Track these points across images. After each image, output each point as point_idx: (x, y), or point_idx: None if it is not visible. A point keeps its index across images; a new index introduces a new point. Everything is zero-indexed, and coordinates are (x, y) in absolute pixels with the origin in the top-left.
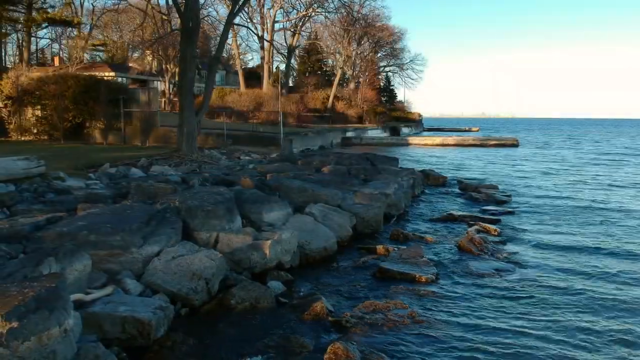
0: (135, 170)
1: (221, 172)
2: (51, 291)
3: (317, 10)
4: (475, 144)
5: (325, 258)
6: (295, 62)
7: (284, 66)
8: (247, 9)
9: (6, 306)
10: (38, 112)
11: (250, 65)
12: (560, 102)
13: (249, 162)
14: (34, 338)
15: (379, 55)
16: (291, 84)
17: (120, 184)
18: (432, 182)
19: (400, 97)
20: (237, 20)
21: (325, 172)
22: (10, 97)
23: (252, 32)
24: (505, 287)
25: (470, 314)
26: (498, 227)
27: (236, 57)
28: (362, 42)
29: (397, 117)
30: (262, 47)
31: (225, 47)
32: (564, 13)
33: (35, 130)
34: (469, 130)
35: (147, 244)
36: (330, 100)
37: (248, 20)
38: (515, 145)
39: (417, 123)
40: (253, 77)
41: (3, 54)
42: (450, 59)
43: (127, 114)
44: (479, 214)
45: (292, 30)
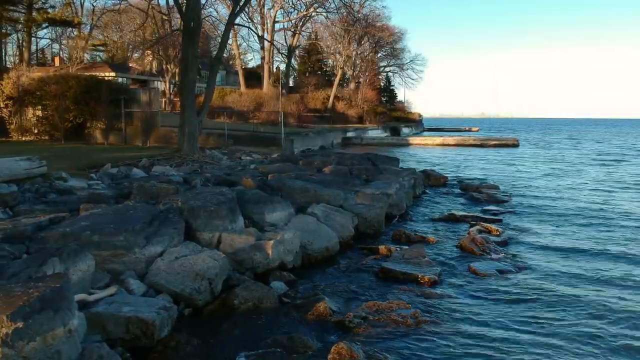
0: (137, 171)
1: (223, 172)
2: (56, 291)
3: (318, 10)
4: (475, 144)
5: (327, 258)
6: (295, 62)
7: (284, 66)
8: (247, 9)
9: (11, 306)
10: (39, 112)
11: (251, 65)
12: (560, 102)
13: (250, 162)
14: (39, 338)
15: (379, 55)
16: (291, 84)
17: (122, 184)
18: (433, 182)
19: (401, 97)
20: (237, 20)
21: (327, 172)
22: (11, 97)
23: (253, 32)
24: (508, 287)
25: (473, 315)
26: (499, 227)
27: (236, 57)
28: (362, 42)
29: (398, 117)
30: (263, 47)
31: (226, 47)
32: (564, 13)
33: (36, 131)
34: (469, 130)
35: (150, 244)
36: (331, 101)
37: (248, 21)
38: (515, 145)
39: (417, 123)
40: (253, 77)
41: (3, 54)
42: (450, 59)
43: (128, 114)
44: (480, 214)
45: (292, 30)
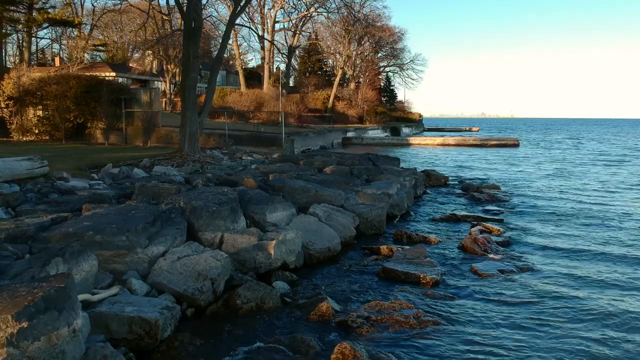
0: (138, 171)
1: (224, 172)
2: (60, 291)
3: (318, 10)
4: (475, 144)
5: (329, 258)
6: (295, 62)
7: (284, 66)
8: (247, 9)
9: (16, 306)
10: (40, 112)
11: (251, 65)
12: (560, 102)
13: (251, 162)
14: (44, 338)
15: (380, 55)
16: (292, 84)
17: (124, 184)
18: (434, 182)
19: (401, 97)
20: (238, 20)
21: (328, 172)
22: (12, 98)
23: (254, 32)
24: (510, 288)
25: (476, 315)
26: (501, 227)
27: (237, 57)
28: (363, 42)
29: (398, 118)
30: (263, 47)
31: (227, 47)
32: (564, 13)
33: (37, 131)
34: (469, 130)
35: (153, 244)
36: (331, 101)
37: (249, 21)
38: (515, 145)
39: (417, 123)
40: (253, 77)
41: (3, 54)
42: (450, 59)
43: (129, 114)
44: (481, 214)
45: (292, 30)
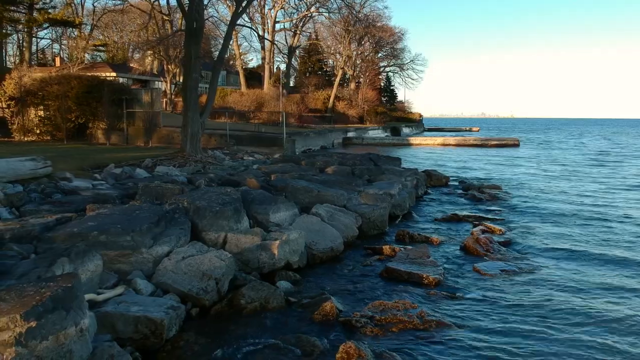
0: (140, 171)
1: (226, 172)
2: (67, 291)
3: (319, 10)
4: (476, 144)
5: (332, 258)
6: (295, 63)
7: (284, 66)
8: (248, 10)
9: (24, 306)
10: (41, 112)
11: (251, 65)
12: (560, 102)
13: (253, 162)
14: (52, 337)
15: (380, 55)
16: (292, 84)
17: (127, 184)
18: (435, 182)
19: (401, 97)
20: (239, 20)
21: (330, 172)
22: (13, 98)
23: (255, 32)
24: (512, 288)
25: (479, 315)
26: (502, 227)
27: (237, 58)
28: (363, 42)
29: (398, 118)
30: (263, 48)
31: (228, 47)
32: (565, 13)
33: (38, 131)
34: (470, 130)
35: (157, 244)
36: (331, 101)
37: (249, 21)
38: (516, 145)
39: (417, 123)
40: (254, 77)
41: (4, 54)
42: (451, 59)
43: (130, 115)
44: (482, 214)
45: (293, 30)
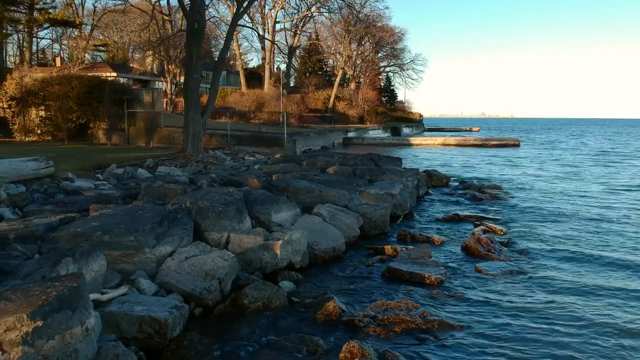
0: (142, 171)
1: (227, 172)
2: (73, 291)
3: (319, 10)
4: (476, 144)
5: (334, 258)
6: (296, 63)
7: (284, 66)
8: (248, 10)
9: (31, 305)
10: (42, 112)
11: (251, 65)
12: (561, 102)
13: (254, 162)
14: (58, 337)
15: (380, 55)
16: (292, 84)
17: (129, 184)
18: (436, 182)
19: (401, 97)
20: (239, 21)
21: (331, 172)
22: (14, 98)
23: (256, 32)
24: (514, 287)
25: (481, 315)
26: (503, 227)
27: (237, 58)
28: (363, 42)
29: (398, 118)
30: (263, 48)
31: (230, 48)
32: (565, 13)
33: (39, 131)
34: (470, 130)
35: (160, 244)
36: (332, 101)
37: (250, 21)
38: (516, 145)
39: (417, 123)
40: (254, 77)
41: (4, 54)
42: (451, 59)
43: (131, 115)
44: (483, 214)
45: (293, 30)
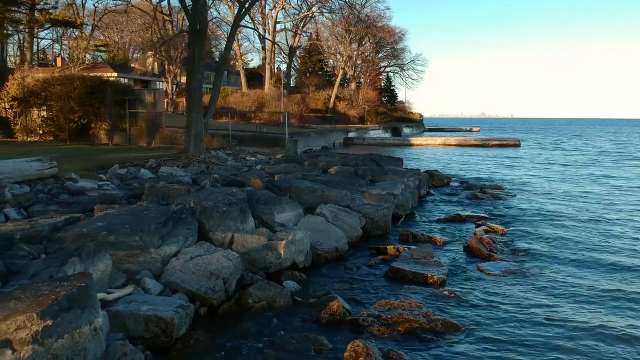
0: (145, 171)
1: (229, 173)
2: (82, 290)
3: (320, 10)
4: (477, 144)
5: (337, 258)
6: (296, 63)
7: (285, 66)
8: (250, 11)
9: (40, 305)
10: (44, 113)
11: (252, 65)
12: (561, 102)
13: (256, 162)
14: (67, 336)
15: (380, 55)
16: (292, 85)
17: (132, 184)
18: (437, 182)
19: (401, 97)
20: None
21: (333, 172)
22: (16, 98)
23: (257, 32)
24: (516, 287)
25: (484, 314)
26: (505, 227)
27: (238, 58)
28: (363, 42)
29: (398, 118)
30: (264, 48)
31: (231, 48)
32: (565, 13)
33: (41, 131)
34: (470, 130)
35: (165, 244)
36: (332, 101)
37: (250, 21)
38: (517, 145)
39: (418, 123)
40: (255, 77)
41: (5, 54)
42: (451, 59)
43: (133, 115)
44: (485, 214)
45: (293, 30)
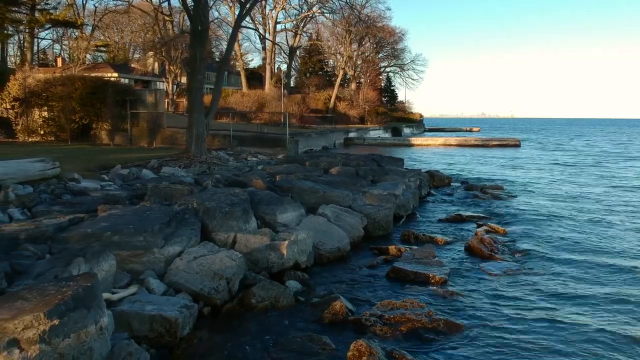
0: (147, 172)
1: (231, 173)
2: (88, 290)
3: (320, 10)
4: (477, 145)
5: (339, 258)
6: (296, 63)
7: (285, 67)
8: (251, 11)
9: (47, 305)
10: (45, 113)
11: (252, 65)
12: (561, 102)
13: (257, 163)
14: (74, 335)
15: (380, 55)
16: (292, 85)
17: (134, 185)
18: (438, 182)
19: (401, 97)
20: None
21: (334, 173)
22: (17, 99)
23: (258, 32)
24: (518, 287)
25: (486, 314)
26: (506, 227)
27: (238, 58)
28: (364, 42)
29: (399, 118)
30: (264, 48)
31: (233, 49)
32: (565, 13)
33: (42, 132)
34: (470, 130)
35: (169, 244)
36: (332, 101)
37: (250, 21)
38: (517, 145)
39: (418, 123)
40: (255, 77)
41: (5, 55)
42: (451, 59)
43: (134, 115)
44: (486, 214)
45: (294, 31)
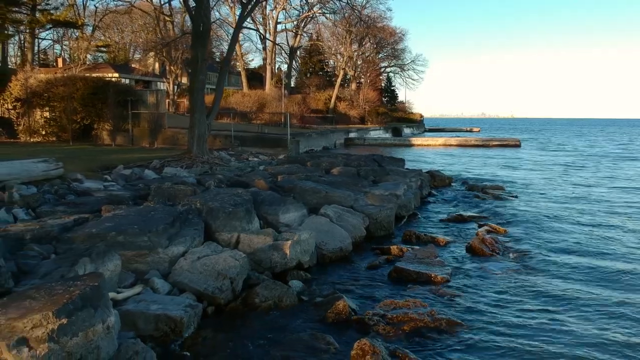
0: (149, 172)
1: (233, 173)
2: (95, 290)
3: (320, 11)
4: (477, 145)
5: (341, 258)
6: (297, 63)
7: (285, 67)
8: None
9: (55, 304)
10: (46, 113)
11: (252, 66)
12: (561, 102)
13: (258, 163)
14: (81, 334)
15: (381, 55)
16: (293, 85)
17: (137, 185)
18: (439, 183)
19: (402, 97)
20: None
21: (335, 173)
22: (19, 99)
23: (258, 33)
24: (519, 287)
25: (488, 314)
26: (507, 227)
27: (239, 58)
28: (364, 42)
29: (399, 118)
30: (265, 48)
31: (234, 50)
32: (565, 13)
33: (44, 132)
34: (471, 130)
35: (173, 244)
36: (333, 101)
37: (251, 22)
38: (517, 145)
39: (418, 124)
40: (255, 78)
41: (6, 55)
42: (451, 60)
43: (135, 116)
44: (487, 214)
45: (294, 31)
